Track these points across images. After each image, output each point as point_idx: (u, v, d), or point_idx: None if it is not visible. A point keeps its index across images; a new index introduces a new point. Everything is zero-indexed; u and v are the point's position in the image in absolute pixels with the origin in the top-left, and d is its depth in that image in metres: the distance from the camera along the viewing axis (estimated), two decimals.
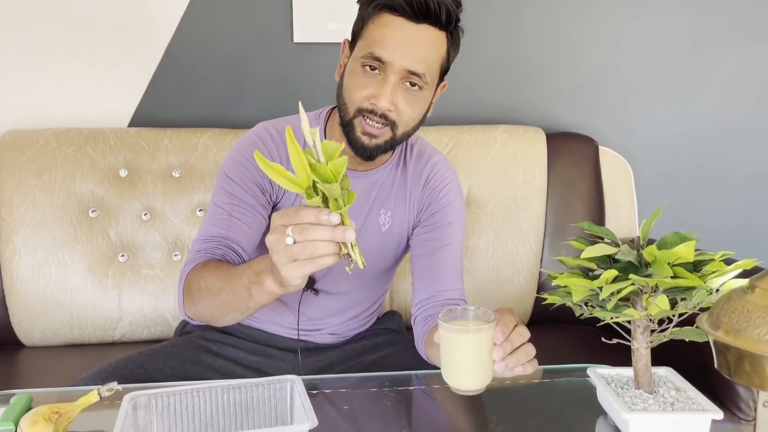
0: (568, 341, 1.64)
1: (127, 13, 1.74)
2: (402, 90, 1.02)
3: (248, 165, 1.10)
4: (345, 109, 1.05)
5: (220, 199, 1.10)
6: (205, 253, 1.04)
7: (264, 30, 1.80)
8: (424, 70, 1.02)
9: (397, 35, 1.00)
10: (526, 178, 1.74)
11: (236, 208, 1.08)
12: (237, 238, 1.06)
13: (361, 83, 1.02)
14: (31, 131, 1.62)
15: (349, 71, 1.05)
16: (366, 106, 1.02)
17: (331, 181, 0.75)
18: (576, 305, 0.85)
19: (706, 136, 1.99)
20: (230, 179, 1.10)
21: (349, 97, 1.04)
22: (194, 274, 1.00)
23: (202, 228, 1.09)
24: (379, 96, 1.01)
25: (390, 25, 1.00)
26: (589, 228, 0.89)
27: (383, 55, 1.00)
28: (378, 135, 1.04)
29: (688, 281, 0.76)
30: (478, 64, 1.88)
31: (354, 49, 1.06)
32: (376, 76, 1.02)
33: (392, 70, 1.00)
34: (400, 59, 1.00)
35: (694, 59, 1.95)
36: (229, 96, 1.82)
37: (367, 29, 1.03)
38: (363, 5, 1.04)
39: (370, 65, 1.01)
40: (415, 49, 1.00)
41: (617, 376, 0.90)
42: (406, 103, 1.03)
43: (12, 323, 1.57)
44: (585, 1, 1.89)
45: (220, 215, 1.08)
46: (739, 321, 0.53)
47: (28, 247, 1.55)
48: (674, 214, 1.76)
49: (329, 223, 0.75)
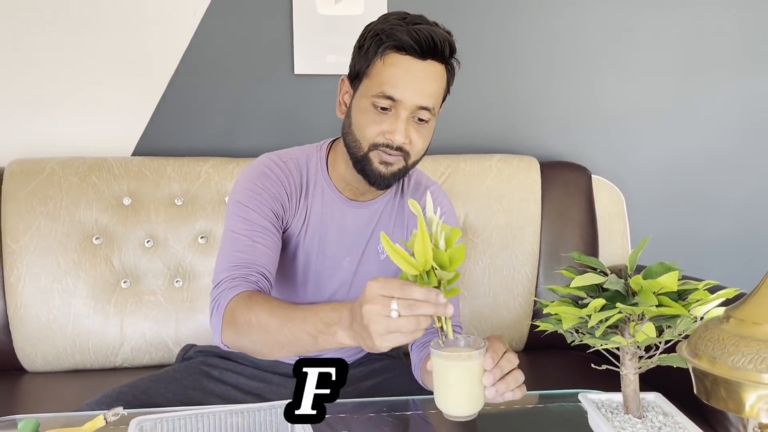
0: (562, 367, 1.66)
1: (132, 46, 1.79)
2: (413, 124, 1.07)
3: (261, 192, 1.13)
4: (358, 145, 1.09)
5: (238, 227, 1.11)
6: (241, 281, 1.04)
7: (265, 62, 1.85)
8: (432, 104, 1.07)
9: (407, 73, 1.05)
10: (521, 206, 1.78)
11: (257, 233, 1.10)
12: (263, 263, 1.08)
13: (374, 120, 1.07)
14: (37, 160, 1.66)
15: (359, 109, 1.09)
16: (381, 141, 1.07)
17: (448, 269, 0.79)
18: (567, 332, 0.88)
19: (696, 164, 2.04)
20: (246, 206, 1.12)
21: (362, 135, 1.08)
22: (240, 307, 1.00)
23: (224, 256, 1.10)
24: (394, 131, 1.06)
25: (398, 65, 1.05)
26: (579, 258, 0.93)
27: (395, 94, 1.05)
28: (393, 162, 1.09)
29: (673, 309, 0.79)
30: (474, 95, 1.94)
31: (359, 87, 1.10)
32: (387, 113, 1.06)
33: (404, 107, 1.05)
34: (411, 97, 1.05)
35: (683, 90, 2.01)
36: (230, 126, 1.87)
37: (374, 68, 1.07)
38: (367, 46, 1.08)
39: (382, 104, 1.06)
40: (424, 86, 1.06)
41: (607, 401, 0.93)
42: (418, 136, 1.08)
43: (15, 349, 1.59)
44: (576, 33, 1.95)
45: (242, 241, 1.09)
46: (714, 349, 0.56)
47: (33, 273, 1.58)
48: (666, 240, 1.80)
49: (437, 302, 0.79)
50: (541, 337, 1.71)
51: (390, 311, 0.78)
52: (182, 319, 1.64)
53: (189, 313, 1.64)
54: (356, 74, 1.11)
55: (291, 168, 1.16)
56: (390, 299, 0.79)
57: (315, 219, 1.18)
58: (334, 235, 1.19)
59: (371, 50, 1.07)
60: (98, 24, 1.77)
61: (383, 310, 0.79)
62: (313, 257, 1.19)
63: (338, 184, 1.18)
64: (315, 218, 1.18)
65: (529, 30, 1.94)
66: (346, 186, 1.18)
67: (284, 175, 1.15)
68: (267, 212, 1.12)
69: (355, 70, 1.11)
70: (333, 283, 1.22)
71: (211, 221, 1.67)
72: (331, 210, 1.18)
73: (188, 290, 1.66)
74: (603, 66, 1.98)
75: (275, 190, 1.14)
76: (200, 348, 1.34)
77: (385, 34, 1.05)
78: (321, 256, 1.20)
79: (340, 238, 1.19)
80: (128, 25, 1.78)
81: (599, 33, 1.96)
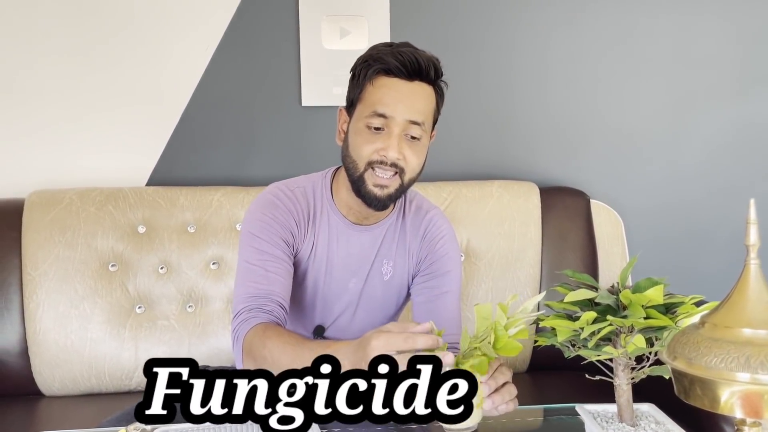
0: (564, 386, 1.70)
1: (146, 81, 1.87)
2: (406, 141, 1.14)
3: (271, 222, 1.19)
4: (354, 166, 1.16)
5: (251, 257, 1.17)
6: (257, 311, 1.11)
7: (274, 94, 1.93)
8: (422, 119, 1.14)
9: (396, 92, 1.13)
10: (522, 231, 1.83)
11: (269, 263, 1.16)
12: (277, 291, 1.14)
13: (368, 139, 1.14)
14: (55, 191, 1.73)
15: (354, 132, 1.17)
16: (376, 158, 1.14)
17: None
18: (563, 345, 0.94)
19: (693, 187, 2.09)
20: (257, 237, 1.18)
21: (358, 155, 1.15)
22: (257, 340, 1.06)
23: (240, 287, 1.16)
24: (387, 148, 1.12)
25: (387, 86, 1.13)
26: (572, 275, 0.98)
27: (386, 111, 1.12)
28: (389, 185, 1.15)
29: (660, 321, 0.85)
30: (473, 122, 2.00)
31: (354, 113, 1.18)
32: (380, 132, 1.13)
33: (395, 123, 1.12)
34: (401, 113, 1.12)
35: (680, 114, 2.07)
36: (240, 156, 1.94)
37: (365, 93, 1.15)
38: (357, 73, 1.17)
39: (375, 124, 1.13)
40: (412, 103, 1.13)
41: (603, 412, 0.98)
42: (412, 152, 1.15)
43: (33, 373, 1.64)
44: (573, 60, 2.02)
45: (256, 272, 1.15)
46: (690, 351, 0.62)
47: (51, 300, 1.64)
48: (663, 262, 1.85)
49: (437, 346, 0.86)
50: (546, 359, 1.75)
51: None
52: (195, 343, 1.69)
53: (201, 337, 1.70)
54: (351, 102, 1.19)
55: (298, 196, 1.23)
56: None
57: (322, 243, 1.24)
58: (341, 259, 1.25)
59: (361, 76, 1.16)
60: (114, 59, 1.85)
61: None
62: (321, 280, 1.25)
63: (342, 209, 1.24)
64: (322, 243, 1.24)
65: (528, 58, 2.01)
66: (350, 211, 1.24)
67: (292, 203, 1.22)
68: (278, 241, 1.18)
69: (350, 99, 1.20)
70: (340, 305, 1.27)
71: (223, 247, 1.74)
72: (336, 234, 1.24)
73: (200, 315, 1.71)
74: (600, 92, 2.04)
75: (284, 219, 1.20)
76: (214, 369, 1.39)
77: (372, 59, 1.14)
78: (328, 279, 1.25)
79: (346, 261, 1.25)
80: (143, 60, 1.86)
81: (596, 59, 2.03)
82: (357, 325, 1.28)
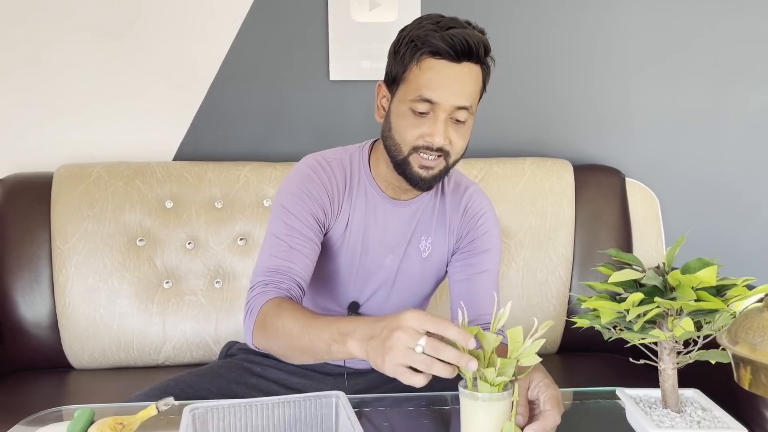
0: (595, 368, 1.67)
1: (173, 55, 1.85)
2: (452, 125, 1.10)
3: (303, 197, 1.16)
4: (398, 148, 1.12)
5: (279, 230, 1.15)
6: (273, 287, 1.09)
7: (302, 69, 1.90)
8: (470, 103, 1.10)
9: (443, 77, 1.07)
10: (555, 209, 1.79)
11: (295, 239, 1.14)
12: (298, 270, 1.12)
13: (413, 123, 1.09)
14: (84, 165, 1.73)
15: (397, 114, 1.12)
16: (421, 143, 1.10)
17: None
18: (605, 328, 0.90)
19: (730, 167, 2.03)
20: (288, 211, 1.15)
21: (402, 138, 1.11)
22: (271, 313, 1.04)
23: (263, 258, 1.14)
24: (433, 134, 1.08)
25: (434, 68, 1.07)
26: (616, 255, 0.94)
27: (433, 97, 1.07)
28: (434, 166, 1.12)
29: (711, 304, 0.80)
30: (507, 98, 1.96)
31: (396, 92, 1.12)
32: (426, 116, 1.09)
33: (442, 109, 1.08)
34: (448, 99, 1.07)
35: (718, 93, 2.00)
36: (268, 131, 1.92)
37: (410, 74, 1.09)
38: (402, 51, 1.10)
39: (420, 109, 1.08)
40: (460, 87, 1.08)
41: (645, 397, 0.94)
42: (458, 136, 1.11)
43: (63, 346, 1.65)
44: (610, 38, 1.96)
45: (281, 246, 1.13)
46: (755, 336, 0.58)
47: (81, 274, 1.64)
48: (700, 242, 1.80)
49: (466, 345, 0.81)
50: (577, 340, 1.72)
51: (416, 345, 0.81)
52: (222, 318, 1.68)
53: (228, 313, 1.69)
54: (393, 79, 1.14)
55: (335, 168, 1.20)
56: (421, 335, 0.81)
57: (358, 217, 1.21)
58: (377, 234, 1.22)
59: (407, 56, 1.10)
60: (141, 35, 1.83)
61: (411, 342, 0.81)
62: (357, 256, 1.22)
63: (380, 183, 1.21)
64: (358, 216, 1.21)
65: (564, 33, 1.95)
66: (388, 185, 1.20)
67: (326, 176, 1.19)
68: (308, 218, 1.16)
69: (392, 75, 1.14)
70: (375, 282, 1.25)
71: (250, 223, 1.72)
72: (374, 208, 1.21)
73: (228, 291, 1.70)
74: (637, 69, 1.98)
75: (318, 194, 1.17)
76: (242, 345, 1.38)
77: (420, 40, 1.08)
78: (364, 255, 1.22)
79: (382, 237, 1.22)
80: (170, 35, 1.84)
81: (635, 37, 1.96)
82: (393, 302, 1.25)
